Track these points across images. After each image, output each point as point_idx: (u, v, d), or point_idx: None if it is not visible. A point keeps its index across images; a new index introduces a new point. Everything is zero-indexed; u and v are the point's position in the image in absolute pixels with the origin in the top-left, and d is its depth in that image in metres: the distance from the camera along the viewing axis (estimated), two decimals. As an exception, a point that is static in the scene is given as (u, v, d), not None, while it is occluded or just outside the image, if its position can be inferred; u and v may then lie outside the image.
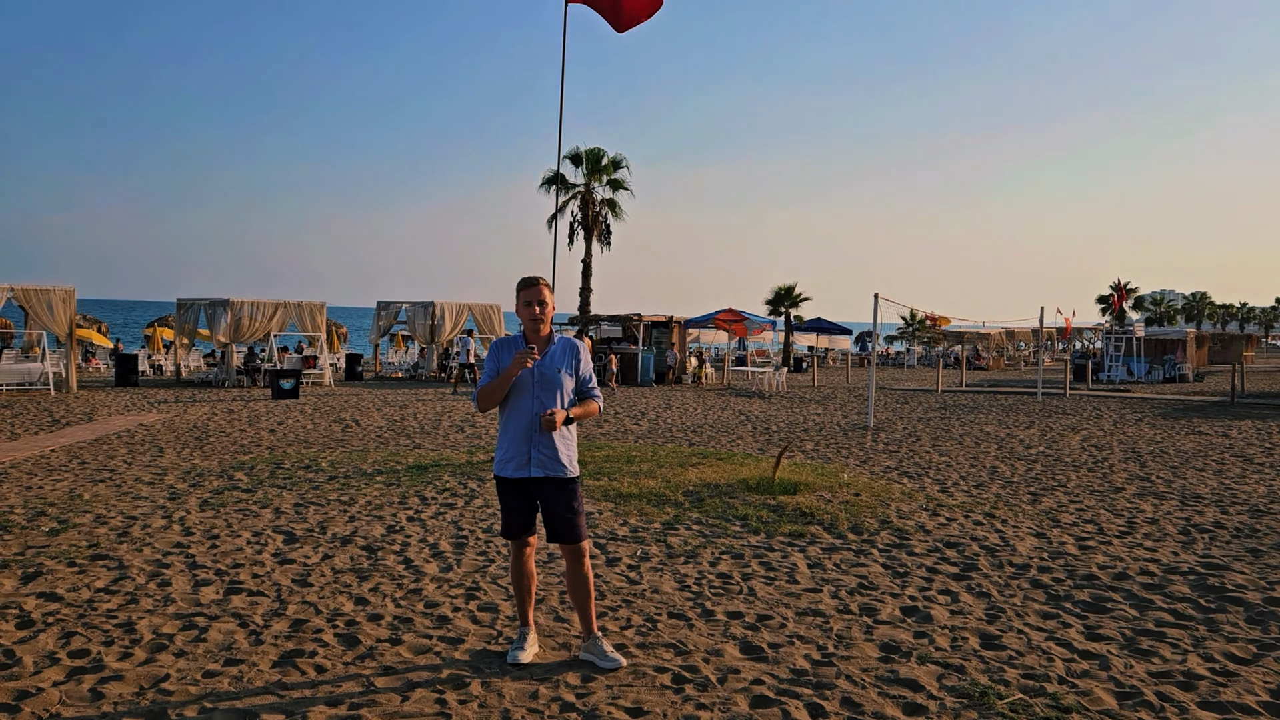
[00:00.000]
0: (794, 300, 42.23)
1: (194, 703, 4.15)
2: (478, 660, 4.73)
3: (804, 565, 6.64)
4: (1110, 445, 13.92)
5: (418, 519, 7.99)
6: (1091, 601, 5.87)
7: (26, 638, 4.94)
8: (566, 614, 5.43)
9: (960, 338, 45.98)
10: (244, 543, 7.09)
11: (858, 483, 9.80)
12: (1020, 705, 4.24)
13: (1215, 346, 49.69)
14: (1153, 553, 7.15)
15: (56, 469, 10.44)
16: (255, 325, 24.45)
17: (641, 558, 6.79)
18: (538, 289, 4.65)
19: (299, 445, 12.78)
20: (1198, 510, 8.85)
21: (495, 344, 4.76)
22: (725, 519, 8.03)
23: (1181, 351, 35.47)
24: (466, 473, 10.33)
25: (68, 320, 20.84)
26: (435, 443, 13.26)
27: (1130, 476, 10.89)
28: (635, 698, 4.27)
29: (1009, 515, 8.49)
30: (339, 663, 4.67)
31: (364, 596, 5.77)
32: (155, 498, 8.81)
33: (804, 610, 5.62)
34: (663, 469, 10.44)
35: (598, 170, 32.84)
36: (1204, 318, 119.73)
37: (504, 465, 4.64)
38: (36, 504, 8.40)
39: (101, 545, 6.94)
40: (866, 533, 7.65)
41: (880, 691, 4.40)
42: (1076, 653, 4.95)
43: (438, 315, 28.09)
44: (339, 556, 6.72)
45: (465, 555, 6.81)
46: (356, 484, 9.60)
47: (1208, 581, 6.33)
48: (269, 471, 10.40)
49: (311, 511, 8.24)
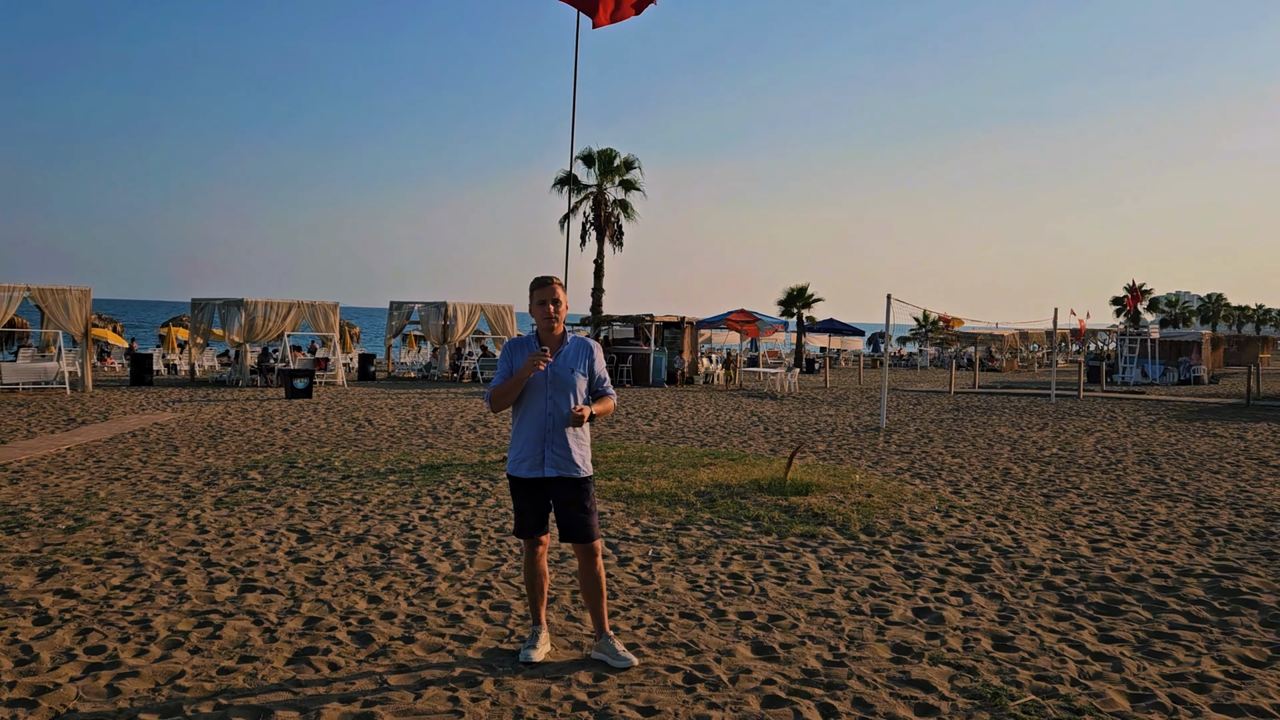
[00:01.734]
0: (806, 301, 42.12)
1: (209, 699, 4.19)
2: (490, 659, 4.75)
3: (816, 566, 6.63)
4: (1124, 447, 13.86)
5: (430, 518, 8.02)
6: (1105, 604, 5.85)
7: (44, 634, 4.99)
8: (578, 613, 5.44)
9: (973, 339, 45.81)
10: (258, 541, 7.14)
11: (870, 484, 9.79)
12: (1033, 707, 4.23)
13: (1231, 348, 49.34)
14: (1166, 555, 7.11)
15: (73, 467, 10.52)
16: (269, 325, 24.57)
17: (653, 557, 6.81)
18: (552, 288, 4.66)
19: (312, 444, 12.84)
20: (1212, 513, 8.81)
21: (508, 344, 4.78)
22: (737, 519, 8.04)
23: (1197, 353, 35.24)
24: (479, 472, 10.36)
25: (83, 320, 20.99)
26: (448, 442, 13.30)
27: (1144, 479, 10.84)
28: (647, 697, 4.28)
29: (1022, 517, 8.46)
30: (353, 660, 4.70)
31: (377, 595, 5.80)
32: (170, 496, 8.87)
33: (816, 611, 5.62)
34: (675, 469, 10.45)
35: (610, 171, 32.85)
36: (1220, 319, 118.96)
37: (518, 465, 4.66)
38: (53, 502, 8.47)
39: (117, 543, 7.00)
40: (879, 534, 7.64)
41: (892, 692, 4.40)
42: (1089, 655, 4.94)
43: (450, 315, 28.17)
44: (352, 555, 6.75)
45: (478, 554, 6.83)
46: (370, 483, 9.64)
47: (1222, 584, 6.30)
48: (283, 470, 10.46)
49: (325, 510, 8.28)
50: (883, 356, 19.59)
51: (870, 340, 56.21)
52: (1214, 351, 39.34)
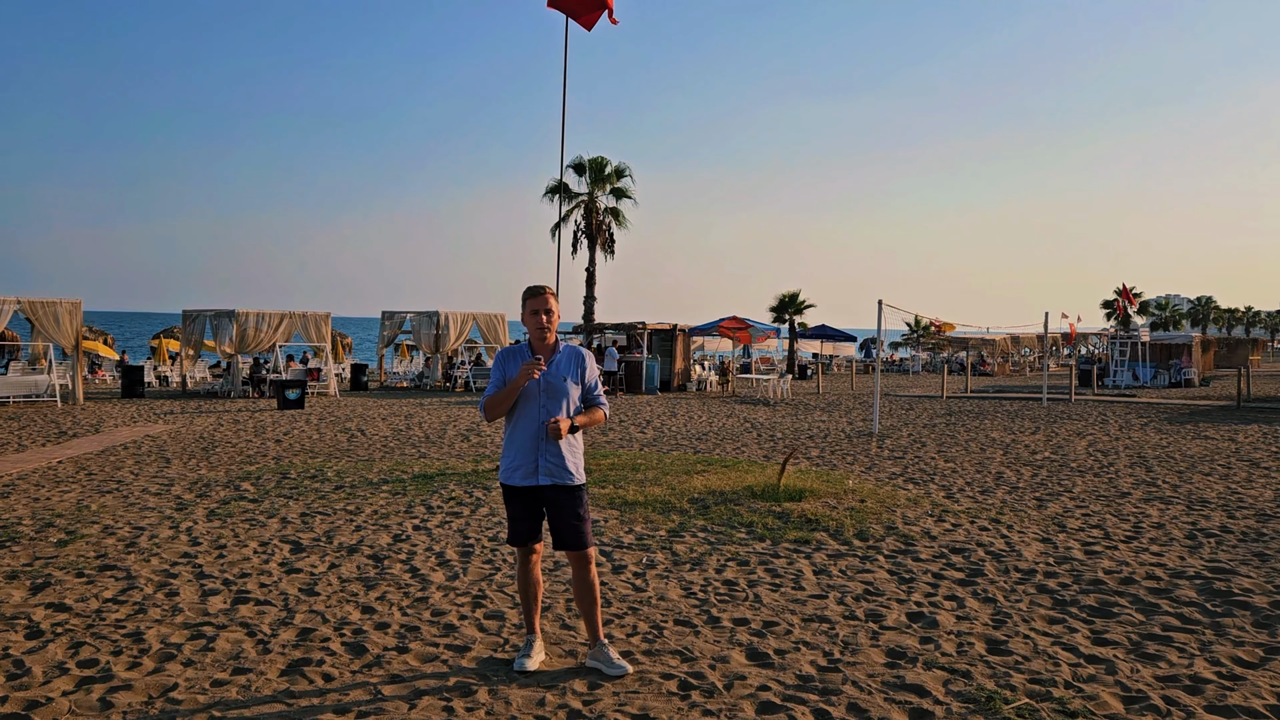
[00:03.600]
0: (798, 307, 42.22)
1: (202, 711, 4.17)
2: (485, 668, 4.74)
3: (810, 571, 6.64)
4: (1116, 450, 13.90)
5: (424, 528, 8.01)
6: (1098, 606, 5.86)
7: (36, 648, 4.97)
8: (573, 621, 5.44)
9: (965, 344, 45.94)
10: (251, 552, 7.11)
11: (863, 489, 9.81)
12: (1027, 710, 4.24)
13: (1221, 351, 49.55)
14: (1159, 557, 7.14)
15: (64, 480, 10.48)
16: (261, 336, 24.53)
17: (647, 565, 6.80)
18: (544, 298, 4.67)
19: (305, 455, 12.81)
20: (1204, 515, 8.84)
21: (501, 353, 4.78)
22: (731, 526, 8.04)
23: (1187, 356, 35.39)
24: (472, 481, 10.35)
25: (74, 332, 20.93)
26: (441, 452, 13.28)
27: (1136, 481, 10.88)
28: (642, 704, 4.28)
29: (1015, 521, 8.48)
30: (346, 671, 4.69)
31: (371, 605, 5.78)
32: (162, 508, 8.84)
33: (810, 616, 5.63)
34: (668, 476, 10.45)
35: (601, 179, 32.93)
36: (1210, 322, 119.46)
37: (511, 473, 4.66)
38: (45, 515, 8.44)
39: (109, 556, 6.97)
40: (872, 539, 7.65)
41: (886, 697, 4.40)
42: (1083, 657, 4.95)
43: (442, 324, 28.15)
44: (346, 565, 6.74)
45: (472, 563, 6.82)
46: (363, 493, 9.62)
47: (1214, 586, 6.32)
48: (275, 481, 10.43)
49: (318, 521, 8.26)
50: (875, 362, 19.63)
51: (862, 346, 56.32)
52: (1204, 354, 39.52)
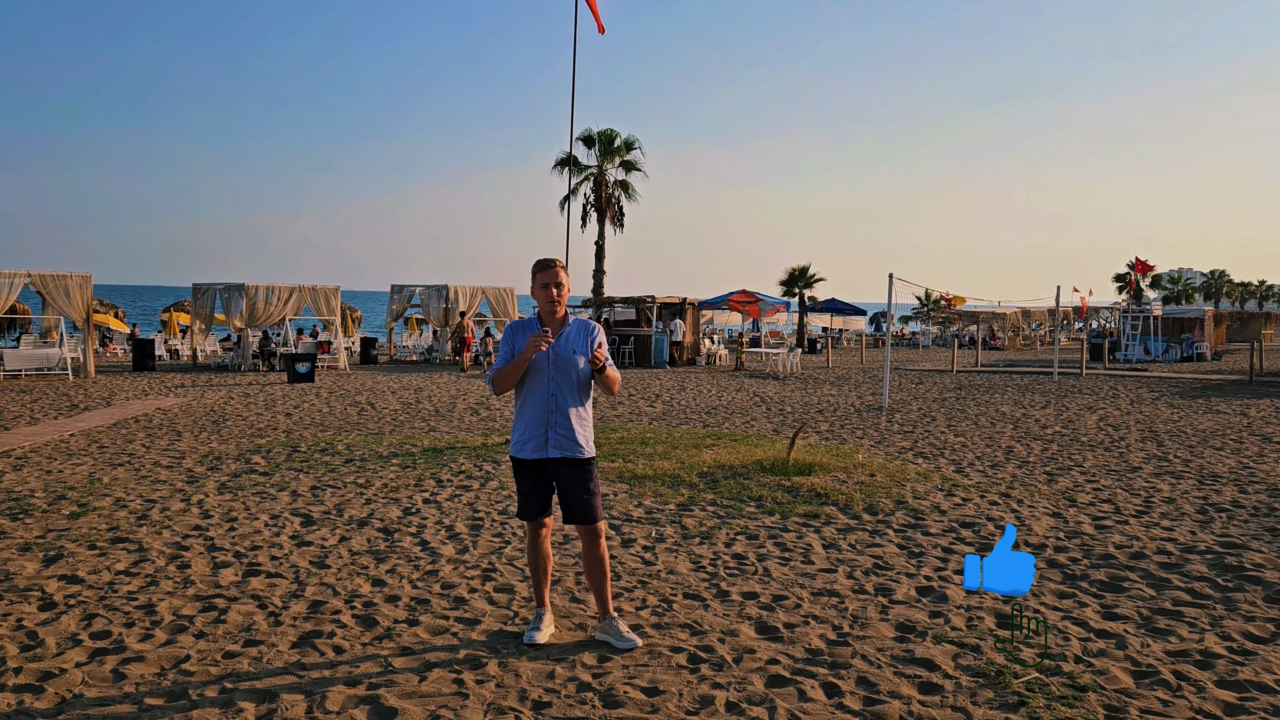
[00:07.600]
0: (808, 281, 42.01)
1: (214, 683, 4.20)
2: (495, 641, 4.76)
3: (819, 546, 6.64)
4: (1127, 425, 13.84)
5: (434, 501, 8.03)
6: (1108, 581, 5.85)
7: (49, 620, 5.00)
8: (582, 595, 5.45)
9: (975, 318, 45.74)
10: (262, 525, 7.15)
11: (873, 464, 9.79)
12: (1037, 684, 4.24)
13: (1234, 325, 49.22)
14: (1170, 532, 7.11)
15: (76, 453, 10.54)
16: (271, 310, 24.54)
17: (657, 539, 6.81)
18: (554, 271, 4.64)
19: (315, 429, 12.85)
20: (1215, 489, 8.80)
21: (510, 327, 4.77)
22: (740, 500, 8.04)
23: (1199, 330, 35.16)
24: (482, 455, 10.37)
25: (85, 305, 20.98)
26: (450, 426, 13.31)
27: (1147, 456, 10.83)
28: (651, 678, 4.29)
29: (1025, 495, 8.46)
30: (357, 643, 4.71)
31: (381, 578, 5.81)
32: (174, 481, 8.88)
33: (819, 590, 5.63)
34: (677, 451, 10.45)
35: (611, 152, 32.71)
36: (1222, 296, 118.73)
37: (521, 447, 4.65)
38: (57, 488, 8.49)
39: (121, 528, 7.01)
40: (881, 513, 7.64)
41: (896, 671, 4.40)
42: (1093, 632, 4.94)
43: (452, 298, 28.12)
44: (356, 539, 6.76)
45: (481, 537, 6.84)
46: (373, 467, 9.65)
47: (1225, 561, 6.30)
48: (286, 455, 10.47)
49: (328, 494, 8.29)
50: (885, 336, 19.56)
51: (872, 320, 56.13)
52: (1217, 328, 39.26)
